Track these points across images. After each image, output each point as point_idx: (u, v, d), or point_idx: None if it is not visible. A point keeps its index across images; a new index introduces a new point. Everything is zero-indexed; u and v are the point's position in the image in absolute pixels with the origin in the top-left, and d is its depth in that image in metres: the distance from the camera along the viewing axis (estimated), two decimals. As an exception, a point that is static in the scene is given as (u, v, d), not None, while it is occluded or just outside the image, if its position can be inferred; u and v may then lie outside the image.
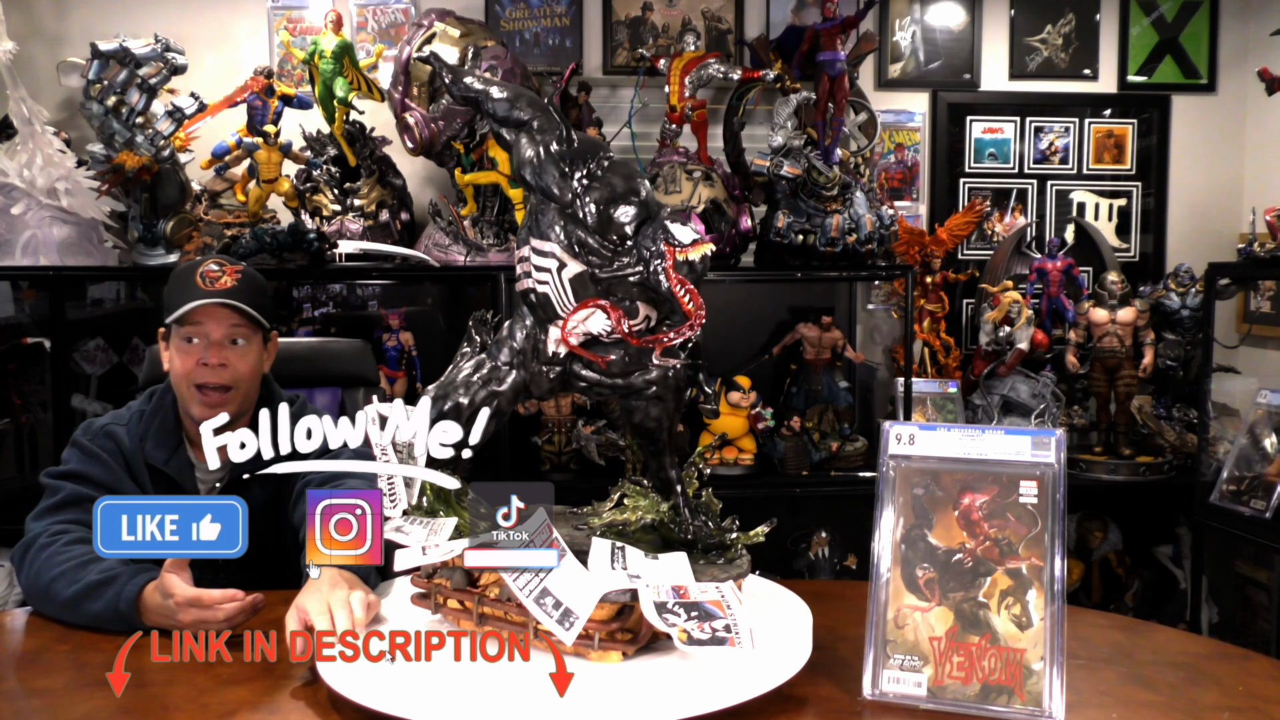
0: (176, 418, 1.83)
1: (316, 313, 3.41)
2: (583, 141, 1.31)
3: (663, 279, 1.21)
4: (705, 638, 1.15)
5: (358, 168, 3.14)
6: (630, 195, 1.26)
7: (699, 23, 3.50)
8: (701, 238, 1.24)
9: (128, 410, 1.86)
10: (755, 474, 3.16)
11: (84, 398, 3.18)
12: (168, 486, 1.80)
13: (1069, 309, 3.41)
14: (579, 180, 1.26)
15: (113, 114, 2.85)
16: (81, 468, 1.73)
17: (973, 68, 3.62)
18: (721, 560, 1.33)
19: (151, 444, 1.80)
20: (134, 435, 1.79)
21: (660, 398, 1.35)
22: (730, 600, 1.19)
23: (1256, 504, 2.82)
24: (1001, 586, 1.21)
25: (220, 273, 1.77)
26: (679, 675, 1.17)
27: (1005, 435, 1.26)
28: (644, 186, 1.29)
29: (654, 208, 1.28)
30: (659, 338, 1.27)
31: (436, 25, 2.99)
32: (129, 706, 1.25)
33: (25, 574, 1.61)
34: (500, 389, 1.35)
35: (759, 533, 1.37)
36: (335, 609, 1.30)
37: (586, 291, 1.28)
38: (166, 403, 1.84)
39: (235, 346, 1.78)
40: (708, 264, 1.25)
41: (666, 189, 3.07)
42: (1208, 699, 1.25)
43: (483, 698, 1.13)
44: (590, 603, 1.19)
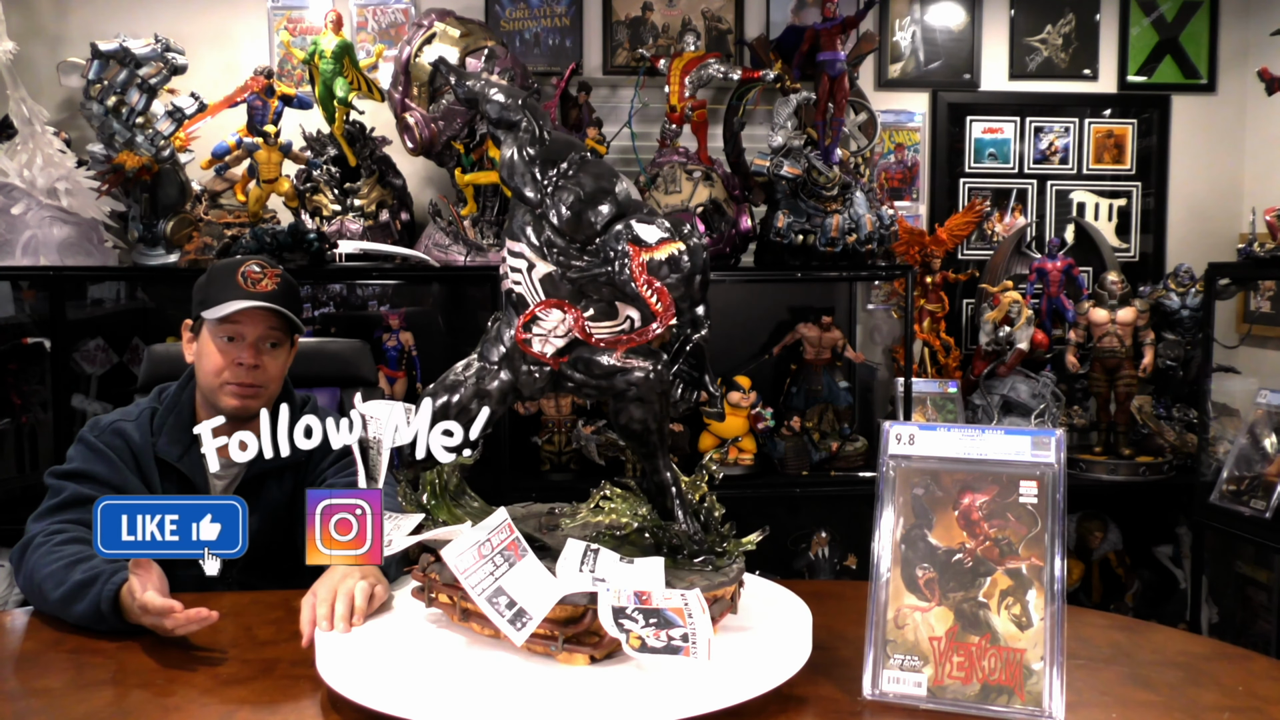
0: (191, 415, 1.84)
1: (316, 313, 3.41)
2: (556, 141, 1.30)
3: (629, 279, 1.20)
4: (659, 645, 1.13)
5: (358, 168, 3.14)
6: (599, 195, 1.24)
7: (699, 23, 3.50)
8: (669, 236, 1.22)
9: (136, 408, 1.86)
10: (755, 474, 3.17)
11: (84, 398, 3.18)
12: (179, 482, 1.80)
13: (1069, 309, 3.41)
14: (548, 180, 1.26)
15: (113, 114, 2.85)
16: (87, 466, 1.73)
17: (973, 68, 3.62)
18: (710, 568, 1.31)
19: (165, 440, 1.80)
20: (144, 431, 1.80)
21: (643, 399, 1.32)
22: (694, 609, 1.16)
23: (1256, 504, 2.82)
24: (1001, 586, 1.21)
25: (262, 275, 1.80)
26: (679, 675, 1.17)
27: (1005, 435, 1.26)
28: (618, 185, 1.27)
29: (628, 207, 1.27)
30: (620, 338, 1.25)
31: (436, 25, 2.99)
32: (129, 707, 1.25)
33: (22, 574, 1.61)
34: (489, 388, 1.35)
35: (750, 540, 1.35)
36: (339, 596, 1.33)
37: (557, 292, 1.27)
38: (183, 399, 1.85)
39: (270, 349, 1.82)
40: (698, 263, 1.24)
41: (666, 189, 3.07)
42: (1208, 699, 1.25)
43: (482, 698, 1.13)
44: (546, 605, 1.18)
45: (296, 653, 1.39)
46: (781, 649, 1.25)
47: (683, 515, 1.37)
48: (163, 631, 1.42)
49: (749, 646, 1.25)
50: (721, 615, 1.27)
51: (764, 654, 1.23)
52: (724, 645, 1.25)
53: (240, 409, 1.79)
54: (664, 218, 1.27)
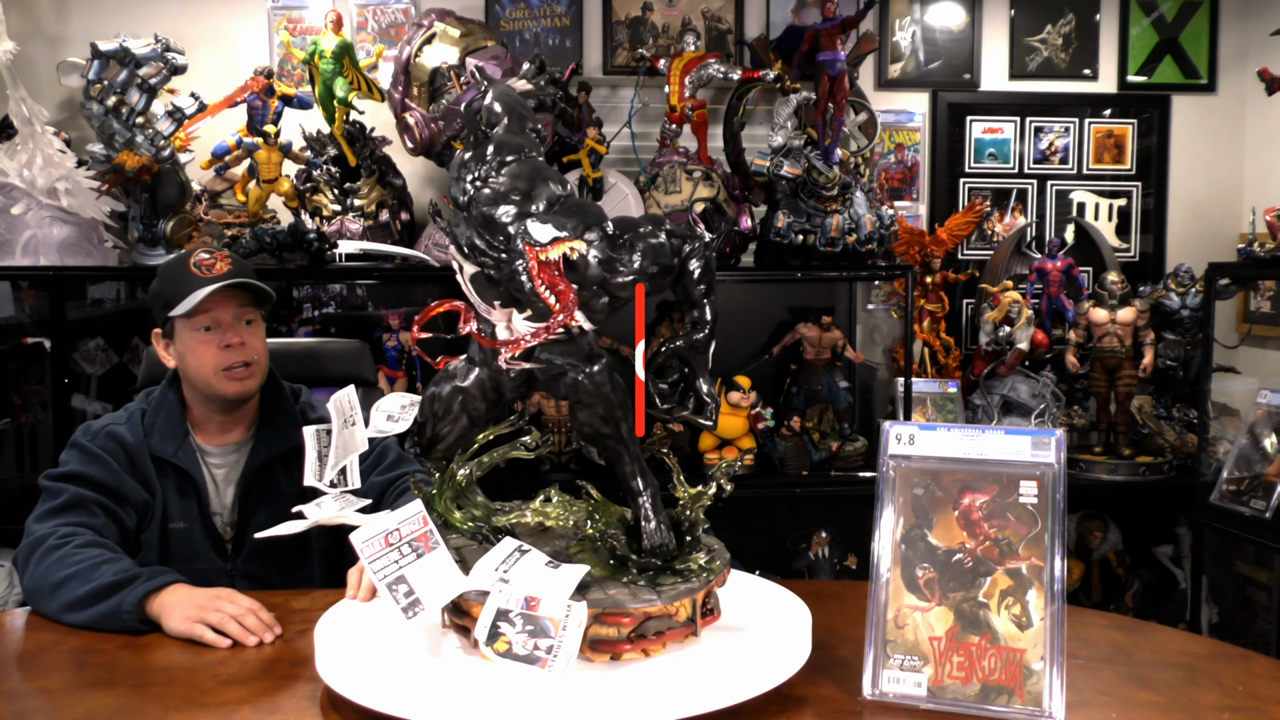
0: (181, 411, 1.86)
1: (316, 313, 3.41)
2: (496, 143, 1.28)
3: (524, 279, 1.18)
4: (522, 654, 1.13)
5: (358, 168, 3.14)
6: (511, 195, 1.22)
7: (699, 23, 3.50)
8: (564, 235, 1.17)
9: (124, 411, 1.88)
10: (755, 474, 3.16)
11: (84, 398, 3.19)
12: (177, 477, 1.81)
13: (1069, 309, 3.41)
14: (471, 182, 1.25)
15: (113, 114, 2.85)
16: (82, 469, 1.73)
17: (973, 68, 3.62)
18: (647, 583, 1.24)
19: (158, 438, 1.82)
20: (136, 431, 1.81)
21: (582, 403, 1.29)
22: (572, 623, 1.15)
23: (1256, 504, 2.82)
24: (1001, 586, 1.21)
25: (213, 259, 1.81)
26: (679, 675, 1.17)
27: (1005, 435, 1.26)
28: (540, 187, 1.23)
29: (549, 207, 1.22)
30: (519, 338, 1.23)
31: (436, 25, 2.99)
32: (129, 706, 1.25)
33: (30, 574, 1.60)
34: (464, 384, 1.35)
35: (696, 559, 1.28)
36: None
37: (487, 292, 1.26)
38: (169, 398, 1.86)
39: (249, 326, 1.84)
40: (690, 260, 1.21)
41: (666, 189, 3.07)
42: (1208, 699, 1.25)
43: (482, 698, 1.13)
44: (444, 598, 1.21)
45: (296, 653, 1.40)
46: (781, 649, 1.25)
47: (654, 525, 1.30)
48: (229, 625, 1.46)
49: (749, 646, 1.25)
50: (675, 634, 1.23)
51: (764, 654, 1.23)
52: (724, 645, 1.25)
53: (242, 391, 1.82)
54: (652, 219, 1.23)
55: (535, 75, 1.51)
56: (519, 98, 1.38)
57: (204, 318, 1.79)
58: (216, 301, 1.79)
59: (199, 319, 1.79)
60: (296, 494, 1.86)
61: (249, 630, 1.45)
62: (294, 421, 1.88)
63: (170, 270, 1.84)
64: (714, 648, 1.25)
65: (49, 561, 1.58)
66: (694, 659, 1.22)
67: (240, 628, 1.45)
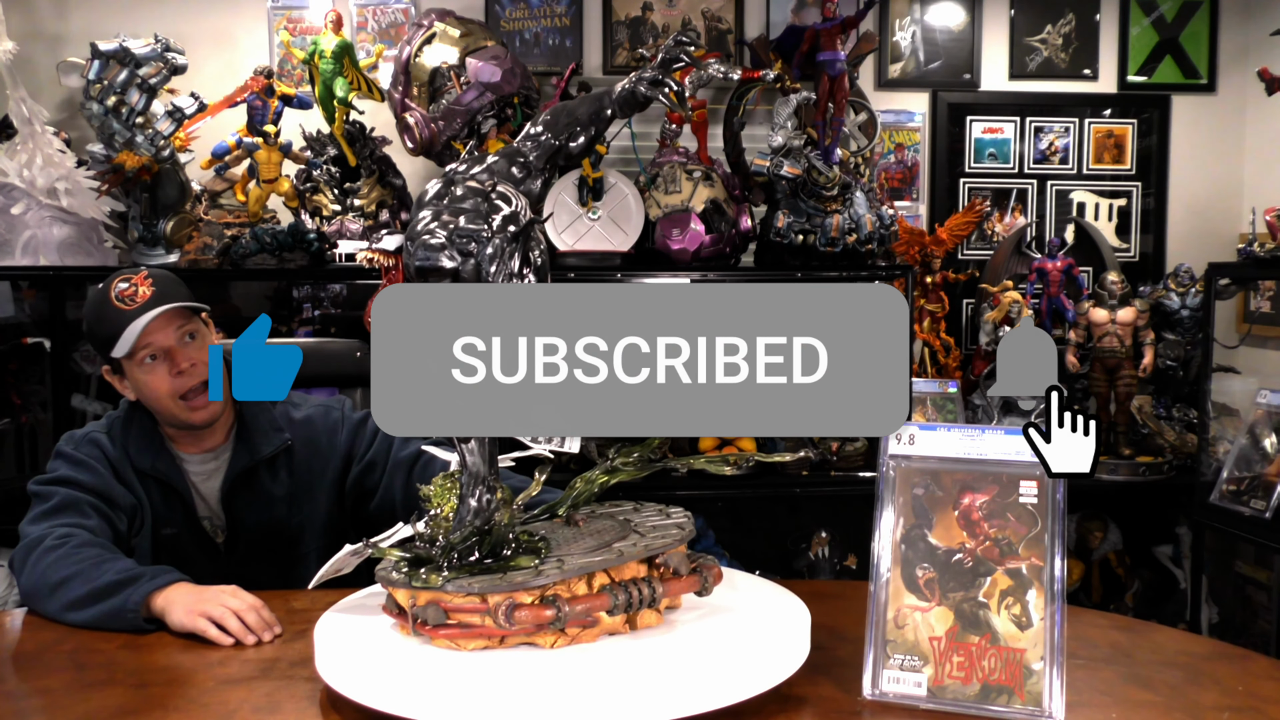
0: (153, 425, 1.83)
1: (316, 313, 3.41)
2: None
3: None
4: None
5: (358, 168, 3.14)
6: (418, 208, 1.28)
7: (699, 23, 3.49)
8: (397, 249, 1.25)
9: (107, 419, 1.86)
10: (755, 474, 3.16)
11: (84, 398, 3.18)
12: (160, 485, 1.81)
13: (1069, 309, 3.41)
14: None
15: (113, 114, 2.85)
16: (72, 473, 1.72)
17: (973, 68, 3.62)
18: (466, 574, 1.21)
19: (135, 450, 1.80)
20: (117, 443, 1.80)
21: None
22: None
23: (1256, 504, 2.82)
24: (1001, 586, 1.21)
25: (133, 286, 1.74)
26: (678, 674, 1.17)
27: (1005, 435, 1.26)
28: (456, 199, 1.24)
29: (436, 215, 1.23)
30: None
31: (436, 25, 2.99)
32: (129, 706, 1.25)
33: (28, 575, 1.60)
34: None
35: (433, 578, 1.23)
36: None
37: None
38: (137, 415, 1.83)
39: (191, 342, 1.78)
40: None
41: (666, 189, 3.07)
42: (1208, 699, 1.25)
43: (481, 697, 1.13)
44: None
45: (296, 653, 1.40)
46: (781, 649, 1.25)
47: (462, 510, 1.27)
48: (230, 620, 1.47)
49: (748, 646, 1.25)
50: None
51: (763, 654, 1.23)
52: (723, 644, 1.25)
53: (207, 417, 1.79)
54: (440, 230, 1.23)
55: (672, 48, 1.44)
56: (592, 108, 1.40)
57: (144, 351, 1.74)
58: (152, 330, 1.73)
59: (140, 353, 1.74)
60: (284, 494, 1.86)
61: (249, 628, 1.45)
62: (274, 425, 1.86)
63: (94, 308, 1.77)
64: (713, 647, 1.25)
65: (48, 562, 1.57)
66: (693, 658, 1.22)
67: (240, 624, 1.45)
